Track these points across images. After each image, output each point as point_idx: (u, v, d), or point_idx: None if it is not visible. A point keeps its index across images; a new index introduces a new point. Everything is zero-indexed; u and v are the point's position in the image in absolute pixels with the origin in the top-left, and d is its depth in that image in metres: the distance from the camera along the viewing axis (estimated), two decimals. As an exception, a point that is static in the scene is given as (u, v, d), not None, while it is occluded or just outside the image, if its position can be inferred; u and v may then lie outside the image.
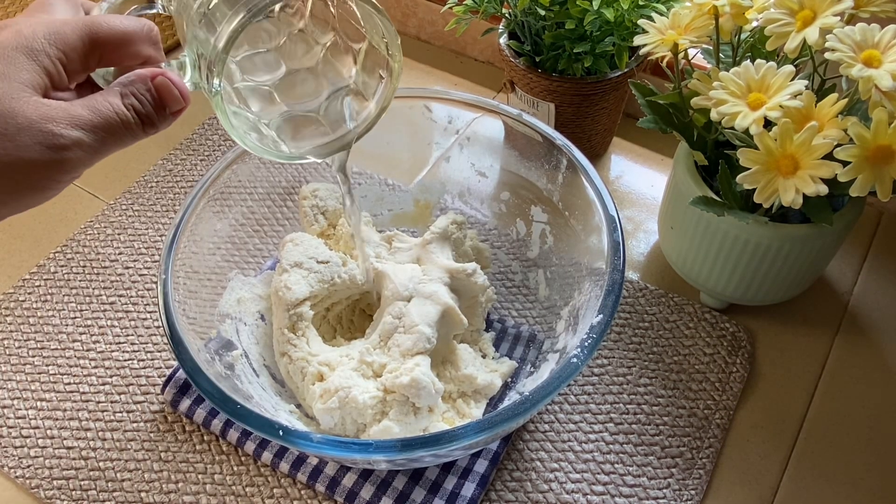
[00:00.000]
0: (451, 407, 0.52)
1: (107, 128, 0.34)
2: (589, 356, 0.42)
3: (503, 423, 0.40)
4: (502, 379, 0.54)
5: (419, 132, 0.60)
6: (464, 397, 0.53)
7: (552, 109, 0.66)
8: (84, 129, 0.33)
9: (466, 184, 0.62)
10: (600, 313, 0.44)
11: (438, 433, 0.40)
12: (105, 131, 0.34)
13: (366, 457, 0.40)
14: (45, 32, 0.33)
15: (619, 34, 0.61)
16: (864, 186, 0.42)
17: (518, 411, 0.40)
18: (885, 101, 0.42)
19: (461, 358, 0.53)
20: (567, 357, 0.42)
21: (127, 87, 0.35)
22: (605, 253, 0.47)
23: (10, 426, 0.56)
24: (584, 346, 0.42)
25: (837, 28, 0.43)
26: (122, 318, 0.62)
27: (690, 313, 0.61)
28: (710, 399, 0.56)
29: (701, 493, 0.51)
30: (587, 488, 0.52)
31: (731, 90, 0.45)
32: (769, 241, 0.51)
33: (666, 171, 0.72)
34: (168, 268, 0.46)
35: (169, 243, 0.47)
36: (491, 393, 0.53)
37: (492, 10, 0.64)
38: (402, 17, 0.88)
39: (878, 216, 0.68)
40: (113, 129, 0.35)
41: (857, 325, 0.61)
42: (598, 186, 0.50)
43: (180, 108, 0.38)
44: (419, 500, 0.50)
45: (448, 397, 0.52)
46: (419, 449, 0.40)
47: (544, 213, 0.58)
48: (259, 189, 0.59)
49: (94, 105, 0.34)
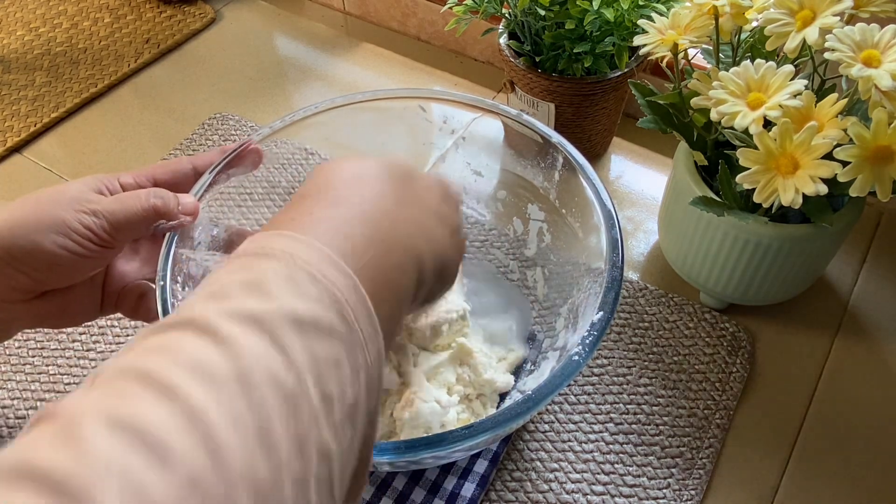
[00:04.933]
0: (466, 407, 0.52)
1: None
2: (590, 353, 0.42)
3: (508, 422, 0.40)
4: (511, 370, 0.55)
5: (414, 133, 0.60)
6: (481, 398, 0.53)
7: (552, 109, 0.66)
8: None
9: (463, 183, 0.62)
10: (601, 310, 0.44)
11: (443, 434, 0.39)
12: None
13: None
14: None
15: (619, 34, 0.61)
16: (864, 186, 0.42)
17: (522, 409, 0.40)
18: (884, 100, 0.42)
19: (480, 363, 0.53)
20: (568, 355, 0.42)
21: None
22: (603, 249, 0.47)
23: (10, 426, 0.56)
24: (585, 344, 0.42)
25: (837, 28, 0.43)
26: (122, 318, 0.62)
27: (690, 313, 0.60)
28: (710, 399, 0.56)
29: (701, 493, 0.51)
30: (587, 488, 0.52)
31: (730, 90, 0.45)
32: (769, 241, 0.51)
33: (666, 171, 0.72)
34: (166, 274, 0.46)
35: (167, 248, 0.47)
36: (504, 390, 0.54)
37: (492, 10, 0.64)
38: (401, 17, 0.88)
39: (878, 216, 0.68)
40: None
41: (857, 325, 0.61)
42: (595, 183, 0.50)
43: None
44: (419, 500, 0.50)
45: (465, 398, 0.52)
46: (424, 450, 0.39)
47: (541, 210, 0.58)
48: (259, 189, 0.59)
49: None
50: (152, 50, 0.88)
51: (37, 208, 0.40)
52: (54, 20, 0.93)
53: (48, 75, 0.85)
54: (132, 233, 0.43)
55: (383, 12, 0.90)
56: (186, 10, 0.93)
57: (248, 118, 0.79)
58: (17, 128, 0.79)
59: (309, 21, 0.92)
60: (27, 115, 0.80)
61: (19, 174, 0.76)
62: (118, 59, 0.87)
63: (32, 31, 0.91)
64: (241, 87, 0.84)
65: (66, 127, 0.80)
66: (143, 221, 0.43)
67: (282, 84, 0.84)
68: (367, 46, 0.88)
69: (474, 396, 0.53)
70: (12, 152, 0.78)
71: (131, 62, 0.86)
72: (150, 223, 0.43)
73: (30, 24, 0.92)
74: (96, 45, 0.89)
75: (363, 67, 0.86)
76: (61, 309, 0.44)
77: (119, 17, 0.93)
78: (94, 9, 0.94)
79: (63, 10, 0.94)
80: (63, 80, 0.84)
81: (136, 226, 0.42)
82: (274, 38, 0.90)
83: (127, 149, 0.78)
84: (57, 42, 0.90)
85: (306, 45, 0.89)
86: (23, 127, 0.79)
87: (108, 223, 0.41)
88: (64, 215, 0.40)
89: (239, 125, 0.78)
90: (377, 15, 0.91)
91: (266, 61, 0.87)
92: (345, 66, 0.86)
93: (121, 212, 0.42)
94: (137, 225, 0.42)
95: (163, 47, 0.88)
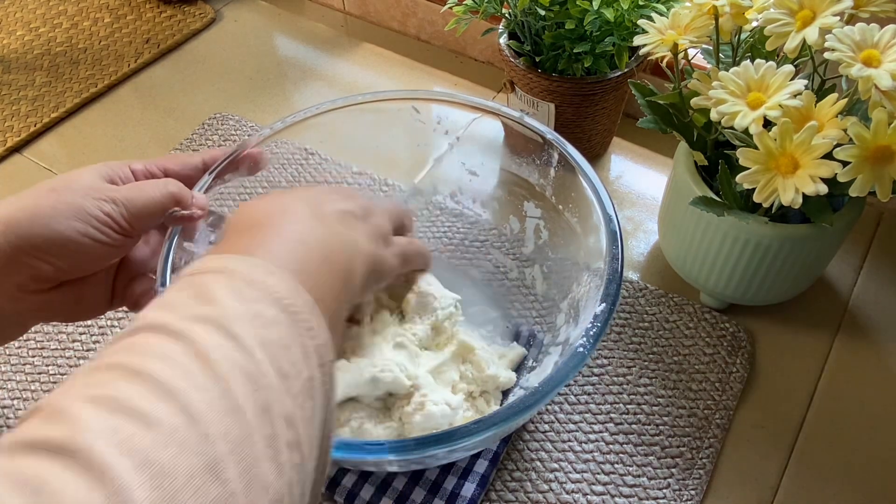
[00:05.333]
0: (471, 405, 0.52)
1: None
2: (594, 345, 0.42)
3: (517, 415, 0.40)
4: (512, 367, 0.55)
5: (409, 134, 0.60)
6: (484, 395, 0.53)
7: (552, 109, 0.66)
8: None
9: (458, 183, 0.62)
10: (603, 302, 0.44)
11: (453, 429, 0.39)
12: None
13: (378, 458, 0.39)
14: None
15: (619, 34, 0.61)
16: (864, 186, 0.42)
17: (530, 402, 0.40)
18: (884, 100, 0.42)
19: (483, 359, 0.53)
20: (573, 347, 0.42)
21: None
22: (603, 243, 0.47)
23: (10, 426, 0.56)
24: (589, 336, 0.42)
25: (837, 28, 0.43)
26: (122, 318, 0.62)
27: (690, 313, 0.60)
28: (710, 399, 0.56)
29: (701, 493, 0.51)
30: (587, 488, 0.52)
31: (730, 90, 0.45)
32: (769, 241, 0.51)
33: (666, 171, 0.72)
34: (167, 280, 0.45)
35: (165, 255, 0.46)
36: (507, 387, 0.54)
37: (492, 10, 0.64)
38: (402, 17, 0.88)
39: (878, 216, 0.68)
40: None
41: (857, 325, 0.61)
42: (593, 180, 0.50)
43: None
44: (419, 500, 0.50)
45: (468, 395, 0.52)
46: (433, 447, 0.39)
47: (537, 208, 0.57)
48: (259, 189, 0.59)
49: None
50: (152, 50, 0.88)
51: (54, 197, 0.40)
52: (54, 20, 0.93)
53: (48, 75, 0.85)
54: (151, 220, 0.43)
55: (383, 12, 0.90)
56: (186, 10, 0.93)
57: (248, 118, 0.79)
58: (17, 128, 0.79)
59: (309, 21, 0.92)
60: (27, 115, 0.80)
61: (19, 174, 0.76)
62: (118, 59, 0.87)
63: (32, 31, 0.91)
64: (241, 87, 0.84)
65: (66, 127, 0.80)
66: (161, 209, 0.43)
67: (282, 84, 0.84)
68: (367, 46, 0.88)
69: (478, 394, 0.53)
70: (12, 152, 0.78)
71: (131, 62, 0.86)
72: (167, 211, 0.43)
73: (30, 24, 0.92)
74: (96, 45, 0.89)
75: (363, 67, 0.86)
76: (76, 300, 0.44)
77: (119, 17, 0.93)
78: (94, 9, 0.94)
79: (63, 10, 0.94)
80: (63, 80, 0.84)
81: (155, 213, 0.43)
82: (274, 38, 0.90)
83: (127, 149, 0.78)
84: (57, 42, 0.90)
85: (306, 45, 0.89)
86: (23, 127, 0.79)
87: (128, 211, 0.41)
88: (82, 202, 0.40)
89: (239, 125, 0.78)
90: (377, 15, 0.91)
91: (266, 61, 0.87)
92: (345, 66, 0.86)
93: (139, 199, 0.42)
94: (156, 212, 0.43)
95: (163, 47, 0.88)
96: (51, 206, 0.39)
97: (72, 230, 0.39)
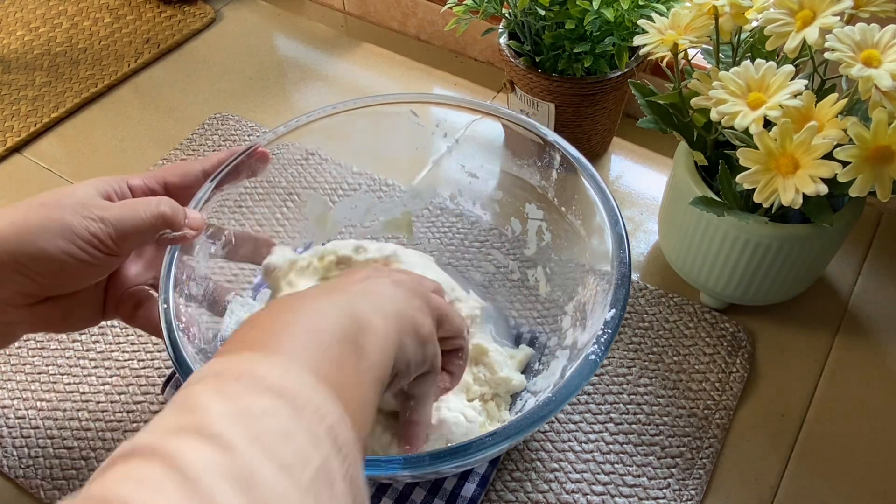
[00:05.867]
0: (483, 409, 0.52)
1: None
2: (606, 351, 0.42)
3: (529, 427, 0.40)
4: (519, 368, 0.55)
5: (408, 137, 0.59)
6: (495, 398, 0.53)
7: (552, 109, 0.66)
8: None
9: (458, 185, 0.62)
10: (612, 307, 0.44)
11: (468, 443, 0.38)
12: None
13: (393, 473, 0.38)
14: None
15: (619, 34, 0.61)
16: (864, 187, 0.42)
17: (543, 413, 0.40)
18: (884, 100, 0.42)
19: (496, 361, 0.53)
20: (583, 354, 0.42)
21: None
22: (608, 245, 0.47)
23: (10, 426, 0.56)
24: (600, 343, 0.42)
25: (837, 28, 0.43)
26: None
27: (690, 313, 0.60)
28: (710, 399, 0.56)
29: (701, 493, 0.51)
30: (587, 488, 0.52)
31: (730, 90, 0.45)
32: (769, 241, 0.51)
33: (666, 171, 0.72)
34: (169, 297, 0.45)
35: (166, 271, 0.46)
36: (518, 390, 0.54)
37: (492, 10, 0.64)
38: (402, 17, 0.88)
39: (878, 216, 0.68)
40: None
41: (857, 325, 0.61)
42: (598, 182, 0.50)
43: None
44: (419, 500, 0.50)
45: (480, 398, 0.52)
46: (448, 461, 0.38)
47: (539, 209, 0.57)
48: (259, 190, 0.59)
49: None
50: (152, 50, 0.88)
51: (43, 213, 0.40)
52: (54, 20, 0.93)
53: (48, 75, 0.85)
54: (139, 241, 0.42)
55: (383, 12, 0.90)
56: (186, 10, 0.93)
57: (248, 118, 0.79)
58: (17, 128, 0.79)
59: (309, 21, 0.92)
60: (27, 115, 0.80)
61: (19, 174, 0.76)
62: (118, 59, 0.87)
63: (32, 31, 0.91)
64: (241, 87, 0.84)
65: (66, 127, 0.80)
66: (150, 230, 0.42)
67: (282, 84, 0.84)
68: (367, 46, 0.88)
69: (489, 397, 0.53)
70: (12, 152, 0.78)
71: (131, 62, 0.86)
72: (157, 231, 0.43)
73: (30, 24, 0.92)
74: (96, 45, 0.89)
75: (363, 67, 0.86)
76: (64, 314, 0.44)
77: (119, 17, 0.93)
78: (94, 9, 0.94)
79: (63, 10, 0.94)
80: (63, 80, 0.84)
81: (143, 234, 0.42)
82: (274, 38, 0.90)
83: (127, 149, 0.78)
84: (57, 42, 0.90)
85: (306, 45, 0.89)
86: (23, 127, 0.79)
87: (116, 230, 0.41)
88: (70, 220, 0.40)
89: (239, 125, 0.78)
90: (377, 15, 0.91)
91: (266, 61, 0.87)
92: (345, 66, 0.86)
93: (129, 219, 0.41)
94: (144, 233, 0.42)
95: (163, 47, 0.88)
96: (38, 223, 0.39)
97: (56, 249, 0.39)
